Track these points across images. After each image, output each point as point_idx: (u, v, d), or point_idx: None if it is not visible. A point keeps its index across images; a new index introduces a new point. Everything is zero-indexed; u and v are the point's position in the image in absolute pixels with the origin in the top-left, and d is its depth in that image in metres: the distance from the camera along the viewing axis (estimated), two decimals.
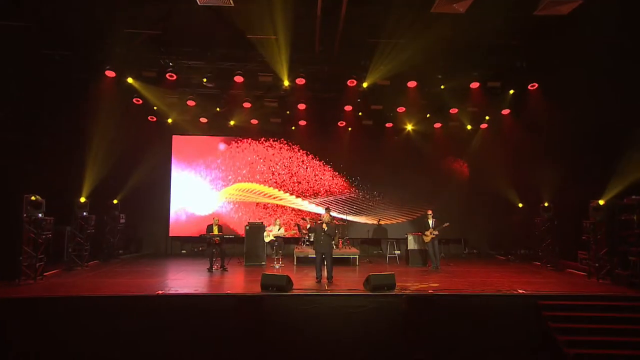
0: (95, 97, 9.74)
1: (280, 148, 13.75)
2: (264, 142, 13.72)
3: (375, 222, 13.17)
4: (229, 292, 7.21)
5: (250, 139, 13.64)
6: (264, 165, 13.64)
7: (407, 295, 6.70)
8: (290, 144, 13.72)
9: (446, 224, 9.79)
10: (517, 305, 6.79)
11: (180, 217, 13.35)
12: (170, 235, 13.25)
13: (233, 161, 13.64)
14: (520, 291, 7.15)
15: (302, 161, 13.68)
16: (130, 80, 10.23)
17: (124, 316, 6.41)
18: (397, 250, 11.45)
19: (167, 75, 9.95)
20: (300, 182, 13.62)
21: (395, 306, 6.57)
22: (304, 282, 8.03)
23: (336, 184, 13.70)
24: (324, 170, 13.72)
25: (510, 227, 12.36)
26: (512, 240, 12.21)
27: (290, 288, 7.16)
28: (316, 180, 13.67)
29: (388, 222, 13.49)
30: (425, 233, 9.95)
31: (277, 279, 7.10)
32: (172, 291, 7.17)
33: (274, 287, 6.96)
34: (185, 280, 8.44)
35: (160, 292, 6.96)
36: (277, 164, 13.65)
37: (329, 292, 7.09)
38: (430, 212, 10.06)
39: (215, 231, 9.68)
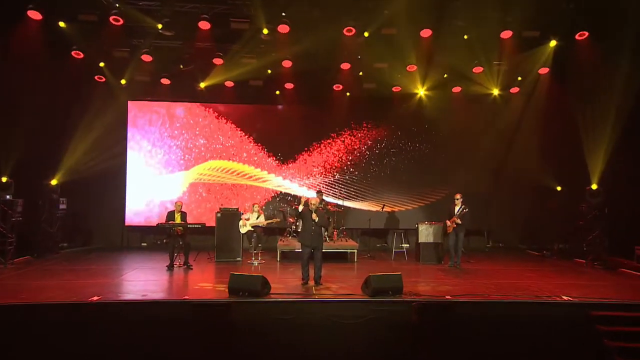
0: (17, 46, 8.93)
1: (264, 116, 13.24)
2: (242, 109, 13.16)
3: (378, 208, 12.69)
4: (186, 297, 6.72)
5: (225, 105, 13.08)
6: (242, 138, 13.11)
7: (417, 302, 6.23)
8: (276, 111, 13.27)
9: (465, 210, 9.41)
10: (562, 316, 6.27)
11: (139, 202, 12.79)
12: (127, 224, 12.80)
13: (204, 134, 13.07)
14: (565, 298, 6.61)
15: (291, 134, 13.13)
16: (62, 24, 9.47)
17: (43, 331, 5.79)
18: (406, 244, 11.10)
19: (111, 19, 9.17)
20: (285, 159, 13.17)
21: (403, 316, 6.14)
22: (286, 284, 7.66)
23: (331, 161, 13.25)
24: (317, 144, 13.23)
25: (545, 216, 11.98)
26: (548, 231, 11.81)
27: (266, 292, 6.71)
28: (306, 156, 13.21)
29: (394, 208, 13.13)
30: (447, 222, 9.62)
31: (249, 281, 6.63)
32: (114, 297, 6.69)
33: (245, 291, 6.49)
34: (136, 281, 8.05)
35: (95, 298, 6.38)
36: (258, 137, 13.13)
37: (316, 298, 6.69)
38: (458, 196, 9.62)
39: (178, 219, 9.24)
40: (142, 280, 8.05)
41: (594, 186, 9.96)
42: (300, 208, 7.75)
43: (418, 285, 7.57)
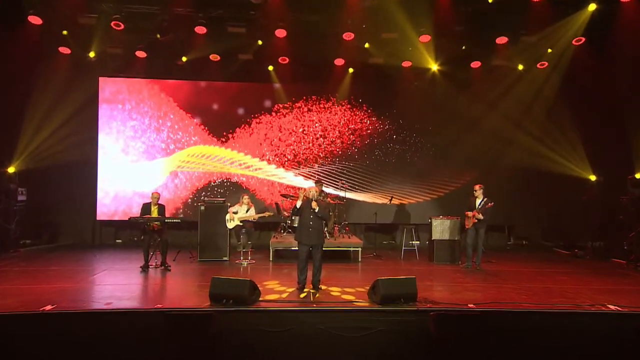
0: None
1: (253, 94, 12.99)
2: (230, 87, 12.86)
3: (385, 200, 12.51)
4: (159, 305, 6.35)
5: (209, 82, 12.85)
6: (228, 120, 12.87)
7: (435, 311, 5.89)
8: (267, 89, 12.97)
9: (490, 204, 9.11)
10: (607, 329, 5.83)
11: (112, 193, 12.56)
12: (99, 219, 12.64)
13: (187, 116, 12.81)
14: (612, 307, 6.21)
15: (284, 114, 12.96)
16: None
17: None
18: (417, 241, 11.09)
19: None
20: (279, 145, 12.95)
21: (418, 329, 5.85)
22: (279, 288, 7.43)
23: (331, 147, 13.02)
24: (315, 127, 13.00)
25: (576, 210, 11.88)
26: (579, 227, 11.75)
27: (255, 299, 6.49)
28: (303, 142, 12.98)
29: (404, 200, 13.04)
30: (467, 214, 9.35)
31: (234, 286, 6.38)
32: (71, 306, 6.27)
33: (229, 298, 6.25)
34: (102, 285, 7.70)
35: (48, 307, 6.00)
36: (248, 119, 12.89)
37: (314, 306, 6.41)
38: (478, 187, 9.45)
39: (154, 213, 9.03)
40: (110, 285, 7.70)
41: (638, 175, 9.71)
42: (299, 204, 7.39)
43: (434, 290, 7.32)
